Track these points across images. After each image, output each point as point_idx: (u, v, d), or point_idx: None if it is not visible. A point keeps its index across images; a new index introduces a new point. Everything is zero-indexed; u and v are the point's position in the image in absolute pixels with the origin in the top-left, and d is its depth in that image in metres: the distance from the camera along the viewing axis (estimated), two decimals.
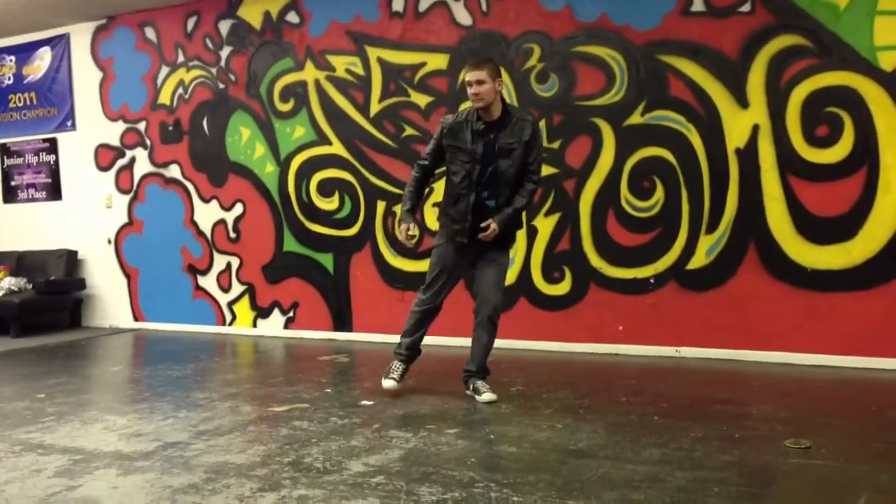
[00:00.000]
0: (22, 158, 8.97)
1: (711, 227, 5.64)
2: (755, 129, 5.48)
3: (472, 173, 4.47)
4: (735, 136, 5.54)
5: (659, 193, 5.79)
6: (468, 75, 4.42)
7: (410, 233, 4.66)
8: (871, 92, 5.14)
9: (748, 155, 5.51)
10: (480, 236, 4.48)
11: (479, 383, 4.59)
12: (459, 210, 4.53)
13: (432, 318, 4.75)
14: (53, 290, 8.20)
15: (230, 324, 7.74)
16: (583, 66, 5.98)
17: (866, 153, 5.18)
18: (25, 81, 8.85)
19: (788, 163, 5.39)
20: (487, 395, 4.51)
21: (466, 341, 4.75)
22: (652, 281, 5.83)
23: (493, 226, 4.45)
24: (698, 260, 5.69)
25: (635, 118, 5.83)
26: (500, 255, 4.62)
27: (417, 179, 4.74)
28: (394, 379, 4.72)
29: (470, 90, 4.41)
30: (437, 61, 6.53)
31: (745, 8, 5.46)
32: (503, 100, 4.52)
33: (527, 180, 4.55)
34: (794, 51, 5.35)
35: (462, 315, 5.05)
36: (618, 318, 5.94)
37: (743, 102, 5.51)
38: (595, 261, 6.00)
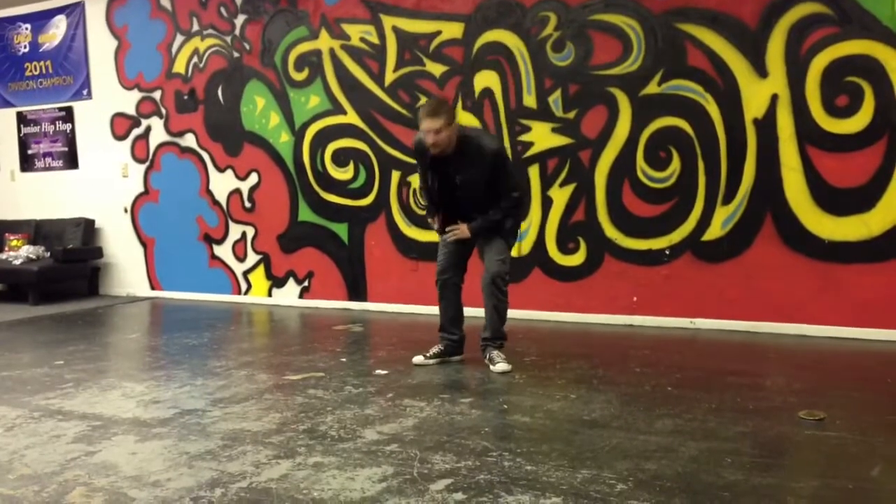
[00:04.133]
0: (38, 127, 9.00)
1: (728, 198, 5.59)
2: (774, 98, 5.41)
3: (433, 196, 4.64)
4: (753, 107, 5.47)
5: (675, 164, 5.74)
6: (423, 124, 4.35)
7: (444, 227, 4.70)
8: (892, 61, 5.05)
9: (766, 125, 5.44)
10: (447, 232, 4.62)
11: (495, 353, 4.61)
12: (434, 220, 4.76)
13: None
14: (71, 259, 8.27)
15: (245, 293, 7.78)
16: (599, 34, 5.91)
17: (887, 123, 5.10)
18: (41, 50, 8.85)
19: (807, 133, 5.32)
20: (502, 366, 4.53)
21: (479, 311, 4.76)
22: (667, 252, 5.80)
23: (463, 227, 4.57)
24: (714, 231, 5.65)
25: (652, 88, 5.76)
26: (500, 240, 4.63)
27: (432, 201, 4.75)
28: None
29: (427, 139, 4.36)
30: (453, 30, 6.46)
31: None
32: (459, 129, 4.49)
33: (502, 200, 4.53)
34: (815, 19, 5.25)
35: (475, 285, 5.05)
36: (632, 289, 5.93)
37: (762, 72, 5.43)
38: (610, 231, 5.97)
